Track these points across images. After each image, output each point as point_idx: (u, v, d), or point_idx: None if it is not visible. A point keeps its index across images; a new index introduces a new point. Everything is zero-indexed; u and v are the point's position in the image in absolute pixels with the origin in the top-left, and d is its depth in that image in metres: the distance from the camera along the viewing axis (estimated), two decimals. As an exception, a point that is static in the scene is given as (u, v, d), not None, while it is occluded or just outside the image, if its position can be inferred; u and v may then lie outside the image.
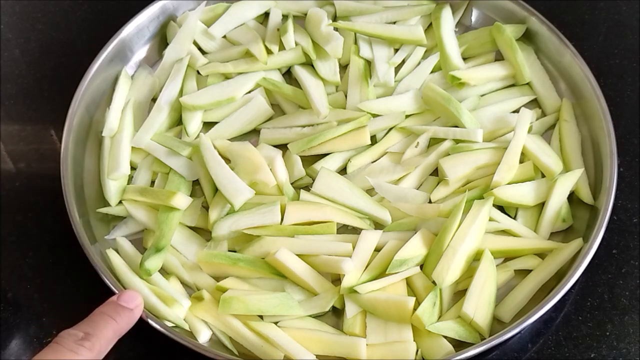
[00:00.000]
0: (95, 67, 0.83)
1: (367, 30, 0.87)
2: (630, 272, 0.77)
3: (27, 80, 0.92)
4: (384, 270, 0.73)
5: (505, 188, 0.76)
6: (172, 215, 0.75)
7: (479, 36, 0.89)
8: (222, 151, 0.80)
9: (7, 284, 0.78)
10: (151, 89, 0.87)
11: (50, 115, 0.88)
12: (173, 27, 0.89)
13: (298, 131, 0.83)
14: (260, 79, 0.86)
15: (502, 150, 0.79)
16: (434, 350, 0.69)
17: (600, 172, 0.78)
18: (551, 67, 0.87)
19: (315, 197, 0.78)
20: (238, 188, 0.76)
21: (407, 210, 0.77)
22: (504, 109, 0.84)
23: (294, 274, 0.73)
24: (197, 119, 0.84)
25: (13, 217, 0.82)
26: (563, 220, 0.77)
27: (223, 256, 0.74)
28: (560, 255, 0.73)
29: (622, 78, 0.90)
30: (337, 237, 0.76)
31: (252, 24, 0.91)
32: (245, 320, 0.71)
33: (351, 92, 0.85)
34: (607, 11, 0.96)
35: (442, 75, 0.87)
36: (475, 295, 0.71)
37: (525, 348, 0.73)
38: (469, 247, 0.72)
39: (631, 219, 0.80)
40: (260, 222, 0.75)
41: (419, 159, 0.81)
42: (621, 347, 0.73)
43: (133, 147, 0.82)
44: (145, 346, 0.74)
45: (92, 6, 0.98)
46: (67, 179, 0.76)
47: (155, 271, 0.73)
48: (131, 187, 0.79)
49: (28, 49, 0.94)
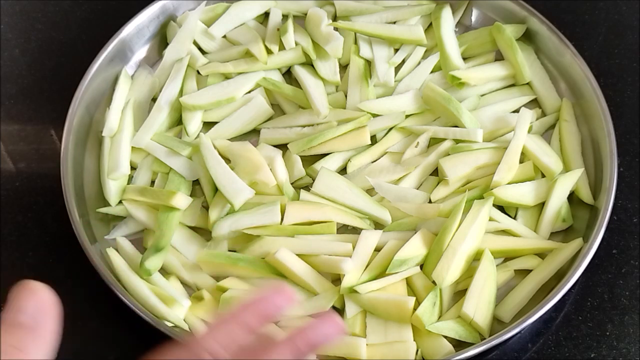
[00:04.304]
0: (95, 67, 0.83)
1: (367, 30, 0.87)
2: (630, 272, 0.77)
3: (27, 80, 0.92)
4: (384, 270, 0.73)
5: (505, 188, 0.76)
6: (172, 215, 0.75)
7: (479, 36, 0.89)
8: (222, 151, 0.80)
9: (7, 284, 0.78)
10: (151, 89, 0.87)
11: (50, 115, 0.88)
12: (173, 27, 0.89)
13: (298, 131, 0.83)
14: (260, 79, 0.86)
15: (502, 150, 0.79)
16: (434, 350, 0.69)
17: (600, 172, 0.78)
18: (551, 67, 0.87)
19: (315, 197, 0.78)
20: (238, 188, 0.76)
21: (407, 210, 0.77)
22: (504, 109, 0.84)
23: (294, 274, 0.73)
24: (197, 119, 0.84)
25: (13, 217, 0.82)
26: (563, 220, 0.77)
27: (223, 256, 0.74)
28: (560, 255, 0.73)
29: (622, 78, 0.90)
30: (337, 237, 0.76)
31: (252, 24, 0.91)
32: (245, 320, 0.71)
33: (351, 92, 0.85)
34: (607, 11, 0.96)
35: (442, 75, 0.87)
36: (475, 295, 0.71)
37: (525, 348, 0.74)
38: (469, 247, 0.72)
39: (631, 219, 0.80)
40: (260, 222, 0.75)
41: (419, 159, 0.81)
42: (621, 347, 0.73)
43: (133, 147, 0.82)
44: (145, 346, 0.74)
45: (92, 6, 0.98)
46: (67, 179, 0.76)
47: (155, 271, 0.73)
48: (131, 187, 0.79)
49: (28, 49, 0.94)
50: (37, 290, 0.44)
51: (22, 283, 0.44)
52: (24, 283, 0.44)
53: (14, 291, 0.44)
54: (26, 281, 0.44)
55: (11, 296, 0.44)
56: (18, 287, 0.44)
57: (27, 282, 0.44)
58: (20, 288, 0.44)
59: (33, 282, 0.44)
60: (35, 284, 0.44)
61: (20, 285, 0.44)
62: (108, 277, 0.70)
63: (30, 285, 0.44)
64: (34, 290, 0.44)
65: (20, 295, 0.44)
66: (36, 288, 0.44)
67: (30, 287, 0.44)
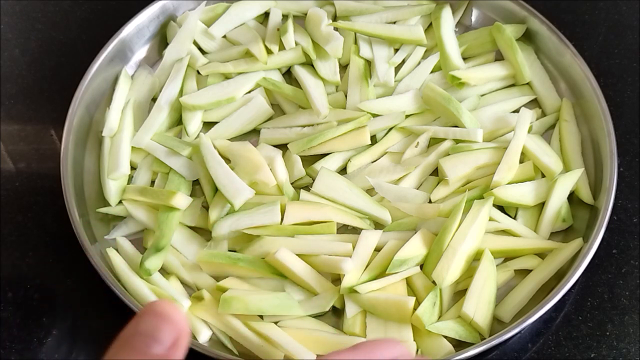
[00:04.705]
0: (95, 67, 0.83)
1: (367, 30, 0.87)
2: (630, 272, 0.77)
3: (27, 80, 0.92)
4: (384, 270, 0.73)
5: (505, 188, 0.76)
6: (172, 215, 0.75)
7: (479, 36, 0.89)
8: (222, 151, 0.80)
9: (7, 284, 0.78)
10: (151, 89, 0.87)
11: (50, 115, 0.88)
12: (173, 27, 0.89)
13: (298, 131, 0.83)
14: (260, 79, 0.86)
15: (502, 150, 0.79)
16: (434, 350, 0.69)
17: (600, 172, 0.78)
18: (551, 67, 0.87)
19: (315, 197, 0.78)
20: (238, 188, 0.76)
21: (407, 210, 0.77)
22: (504, 109, 0.84)
23: (294, 273, 0.73)
24: (197, 119, 0.84)
25: (13, 217, 0.82)
26: (563, 220, 0.77)
27: (223, 256, 0.74)
28: (560, 255, 0.73)
29: (622, 78, 0.90)
30: (337, 237, 0.76)
31: (252, 24, 0.91)
32: (245, 320, 0.71)
33: (351, 92, 0.85)
34: (607, 11, 0.96)
35: (442, 75, 0.87)
36: (475, 295, 0.71)
37: (525, 348, 0.74)
38: (469, 247, 0.72)
39: (631, 219, 0.80)
40: (260, 222, 0.75)
41: (419, 159, 0.81)
42: (621, 347, 0.73)
43: (133, 147, 0.82)
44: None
45: (92, 6, 0.98)
46: (67, 179, 0.76)
47: (155, 271, 0.73)
48: (131, 187, 0.79)
49: (28, 49, 0.94)
50: (173, 316, 0.42)
51: (157, 305, 0.42)
52: (159, 305, 0.42)
53: (150, 310, 0.42)
54: (160, 303, 0.42)
55: (146, 318, 0.42)
56: (155, 307, 0.42)
57: (161, 303, 0.42)
58: (158, 308, 0.42)
59: (167, 304, 0.42)
60: (170, 308, 0.42)
61: (156, 307, 0.42)
62: (108, 277, 0.70)
63: (166, 310, 0.42)
64: (170, 316, 0.42)
65: (157, 319, 0.42)
66: (171, 313, 0.42)
67: (165, 311, 0.42)
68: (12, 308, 0.76)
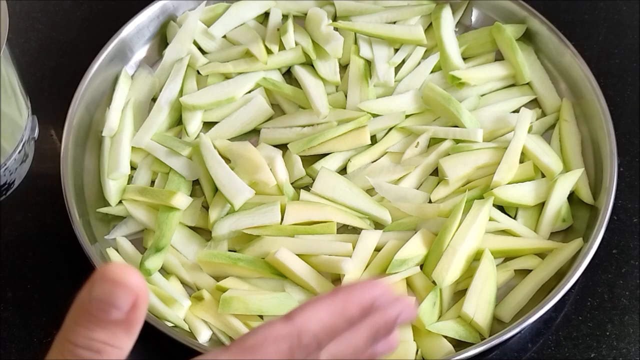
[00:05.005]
0: (95, 67, 0.83)
1: (367, 30, 0.87)
2: (630, 272, 0.77)
3: (27, 80, 0.92)
4: (384, 270, 0.73)
5: (505, 188, 0.76)
6: (172, 215, 0.75)
7: (479, 36, 0.89)
8: (222, 151, 0.80)
9: (7, 284, 0.78)
10: (151, 89, 0.87)
11: (50, 115, 0.88)
12: (173, 27, 0.89)
13: (298, 131, 0.83)
14: (260, 79, 0.86)
15: (502, 150, 0.79)
16: (434, 350, 0.69)
17: (600, 172, 0.78)
18: (551, 67, 0.87)
19: (315, 197, 0.78)
20: (238, 188, 0.76)
21: (407, 210, 0.77)
22: (504, 109, 0.84)
23: (294, 273, 0.73)
24: (197, 119, 0.84)
25: (13, 217, 0.82)
26: (563, 220, 0.77)
27: (223, 256, 0.74)
28: (560, 255, 0.73)
29: (622, 78, 0.90)
30: (337, 237, 0.76)
31: (252, 24, 0.91)
32: (245, 320, 0.71)
33: (351, 92, 0.85)
34: (607, 11, 0.96)
35: (442, 75, 0.87)
36: (475, 295, 0.71)
37: (525, 348, 0.74)
38: (469, 247, 0.72)
39: (631, 219, 0.80)
40: (260, 222, 0.75)
41: (419, 159, 0.81)
42: (621, 347, 0.73)
43: (133, 147, 0.82)
44: (144, 346, 0.73)
45: (92, 6, 0.98)
46: (67, 179, 0.76)
47: (155, 271, 0.73)
48: (131, 187, 0.79)
49: (28, 49, 0.94)
50: (131, 282, 0.39)
51: (112, 268, 0.40)
52: (115, 269, 0.40)
53: (104, 275, 0.40)
54: (113, 268, 0.40)
55: (101, 281, 0.41)
56: (108, 272, 0.40)
57: (113, 269, 0.40)
58: (111, 273, 0.40)
59: (120, 269, 0.40)
60: (122, 272, 0.39)
61: (108, 273, 0.40)
62: (108, 277, 0.70)
63: (124, 274, 0.39)
64: (128, 280, 0.39)
65: (111, 285, 0.40)
66: (130, 278, 0.39)
67: (123, 275, 0.39)
68: (12, 308, 0.76)
